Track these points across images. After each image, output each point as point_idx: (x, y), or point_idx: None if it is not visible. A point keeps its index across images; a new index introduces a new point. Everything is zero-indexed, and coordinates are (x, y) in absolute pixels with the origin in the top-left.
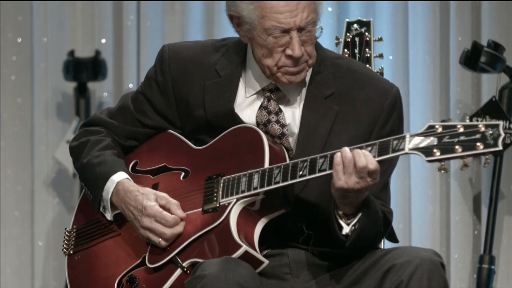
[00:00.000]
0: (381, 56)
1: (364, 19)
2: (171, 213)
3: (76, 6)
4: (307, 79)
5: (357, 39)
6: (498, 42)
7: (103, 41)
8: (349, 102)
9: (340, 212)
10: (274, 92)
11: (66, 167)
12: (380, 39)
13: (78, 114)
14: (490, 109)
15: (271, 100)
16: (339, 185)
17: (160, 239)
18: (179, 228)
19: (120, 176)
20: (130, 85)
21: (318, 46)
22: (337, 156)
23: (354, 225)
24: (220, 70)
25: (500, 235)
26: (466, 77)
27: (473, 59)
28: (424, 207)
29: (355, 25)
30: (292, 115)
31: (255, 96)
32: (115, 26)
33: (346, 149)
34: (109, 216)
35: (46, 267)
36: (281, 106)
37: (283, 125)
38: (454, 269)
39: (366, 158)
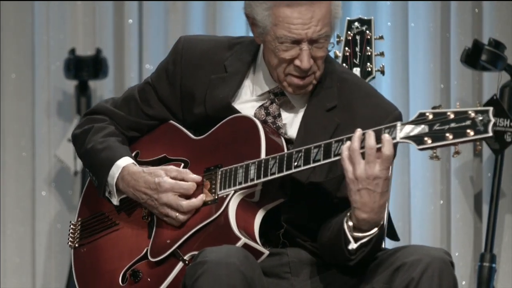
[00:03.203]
0: (382, 54)
1: (365, 18)
2: (186, 181)
3: (77, 5)
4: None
5: (358, 37)
6: (499, 40)
7: (104, 39)
8: (350, 117)
9: (350, 224)
10: (279, 96)
11: (67, 165)
12: (381, 37)
13: (79, 113)
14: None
15: (274, 104)
16: (349, 177)
17: (177, 214)
18: (195, 201)
19: (125, 161)
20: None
21: (328, 59)
22: (344, 148)
23: (363, 244)
24: (228, 66)
25: (501, 233)
26: (467, 75)
27: (474, 57)
28: (425, 205)
29: (356, 23)
30: (291, 121)
31: (260, 96)
32: (116, 25)
33: (354, 136)
34: (115, 201)
35: (47, 265)
36: (282, 111)
37: (278, 127)
38: (455, 267)
39: (371, 139)
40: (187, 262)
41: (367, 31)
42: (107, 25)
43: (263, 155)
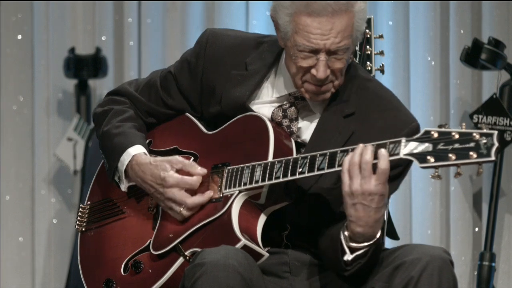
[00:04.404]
0: (381, 53)
1: None
2: (192, 175)
3: (76, 3)
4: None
5: None
6: (498, 39)
7: (103, 38)
8: (366, 126)
9: (346, 234)
10: (299, 100)
11: (67, 164)
12: (381, 36)
13: (78, 111)
14: (491, 106)
15: (293, 107)
16: (345, 191)
17: (181, 209)
18: (199, 198)
19: (136, 150)
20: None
21: (352, 63)
22: (345, 160)
23: (359, 256)
24: (249, 64)
25: (500, 232)
26: (467, 74)
27: (474, 56)
28: (425, 204)
29: None
30: (307, 126)
31: (279, 98)
32: (116, 23)
33: (355, 150)
34: (123, 187)
35: (47, 264)
36: (300, 116)
37: (291, 132)
38: (455, 266)
39: (367, 154)
40: (187, 258)
41: (367, 30)
42: (107, 24)
43: (270, 157)
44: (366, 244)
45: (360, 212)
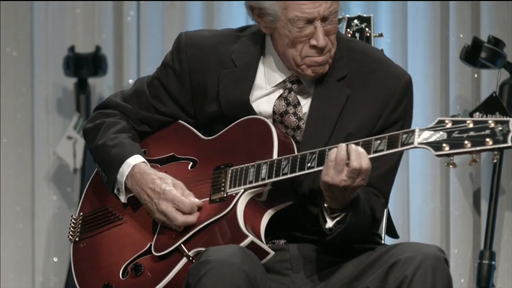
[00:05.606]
0: (381, 51)
1: (365, 15)
2: None
3: (76, 2)
4: None
5: (357, 34)
6: (498, 38)
7: (103, 36)
8: (361, 85)
9: (326, 205)
10: (296, 84)
11: (66, 163)
12: (381, 35)
13: (78, 110)
14: (491, 105)
15: (292, 92)
16: (325, 180)
17: (172, 224)
18: (191, 218)
19: (136, 159)
20: (130, 81)
21: None
22: (332, 152)
23: (339, 221)
24: (236, 60)
25: (500, 231)
26: (466, 72)
27: (474, 54)
28: (424, 203)
29: (356, 21)
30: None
31: (275, 87)
32: (116, 22)
33: (342, 146)
34: (123, 198)
35: (47, 262)
36: (300, 98)
37: (299, 118)
38: (454, 264)
39: (361, 158)
40: (191, 258)
41: (367, 29)
42: (106, 23)
43: (275, 156)
44: (344, 211)
45: (338, 194)
